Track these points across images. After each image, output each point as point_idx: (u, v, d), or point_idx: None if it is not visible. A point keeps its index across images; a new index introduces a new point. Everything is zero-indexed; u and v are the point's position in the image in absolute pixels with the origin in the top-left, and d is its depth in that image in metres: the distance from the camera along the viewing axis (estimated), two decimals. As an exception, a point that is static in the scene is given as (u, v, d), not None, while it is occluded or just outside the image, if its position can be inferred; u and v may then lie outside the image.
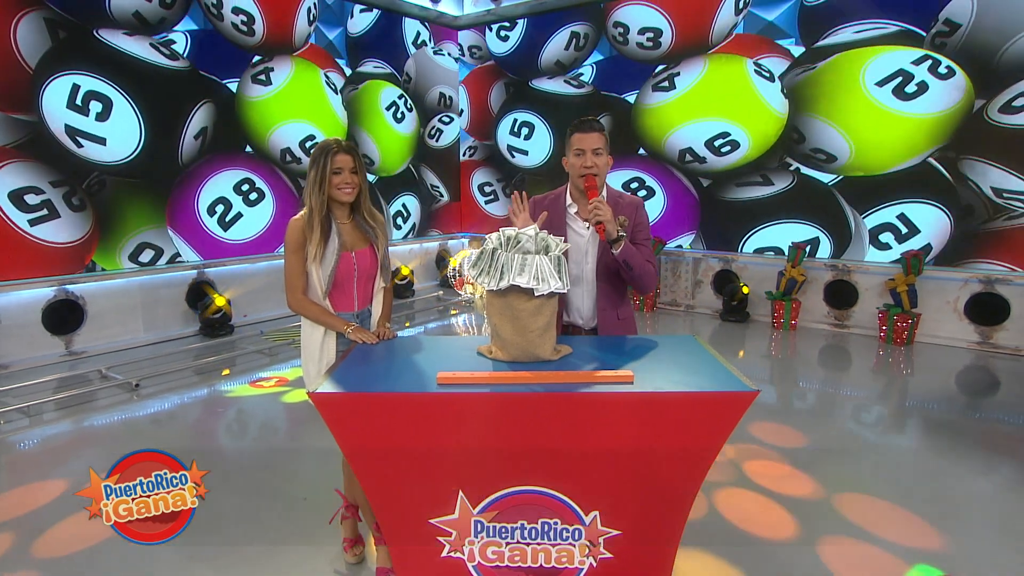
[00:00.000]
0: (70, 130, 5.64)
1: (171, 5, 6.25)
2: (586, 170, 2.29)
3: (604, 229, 2.21)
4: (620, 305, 2.45)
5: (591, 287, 2.41)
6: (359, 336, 2.30)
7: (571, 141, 2.34)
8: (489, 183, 9.63)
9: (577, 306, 2.44)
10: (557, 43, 8.40)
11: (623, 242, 2.26)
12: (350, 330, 2.31)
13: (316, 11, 7.54)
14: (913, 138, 6.11)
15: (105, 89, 5.81)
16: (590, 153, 2.29)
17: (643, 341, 2.28)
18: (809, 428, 4.10)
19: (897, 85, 6.09)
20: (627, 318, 2.47)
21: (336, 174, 2.28)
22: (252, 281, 6.98)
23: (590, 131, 2.30)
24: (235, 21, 6.75)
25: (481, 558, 1.89)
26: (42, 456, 3.77)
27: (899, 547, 2.72)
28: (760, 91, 6.99)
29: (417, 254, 9.05)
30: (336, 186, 2.29)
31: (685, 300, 7.66)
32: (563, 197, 2.45)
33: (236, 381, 5.08)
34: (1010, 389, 4.88)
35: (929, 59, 5.91)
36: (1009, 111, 5.64)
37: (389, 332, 2.40)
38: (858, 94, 6.30)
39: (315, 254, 2.28)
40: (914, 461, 3.63)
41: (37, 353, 5.45)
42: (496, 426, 1.80)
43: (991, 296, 5.78)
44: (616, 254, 2.27)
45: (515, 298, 1.93)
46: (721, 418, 1.76)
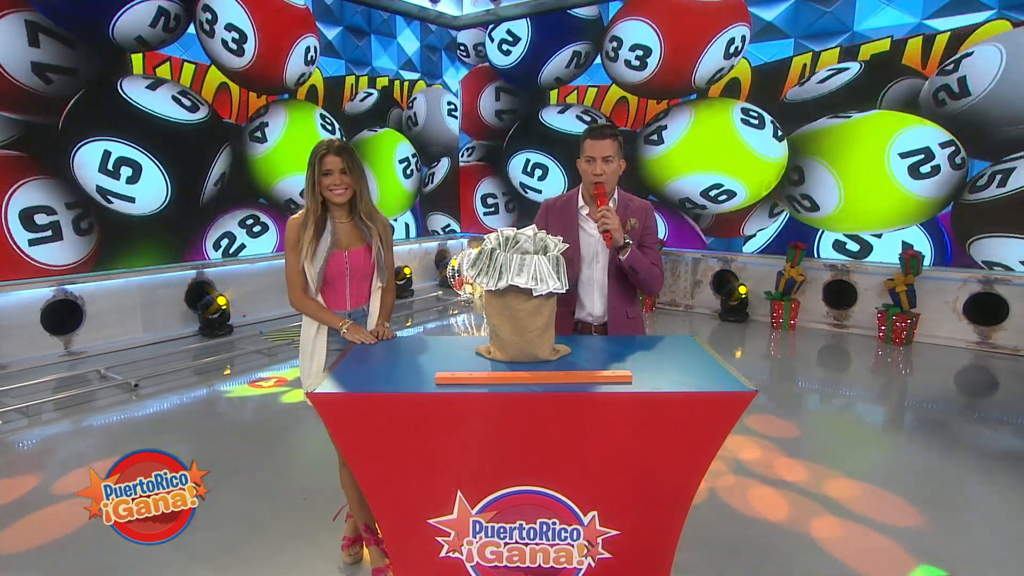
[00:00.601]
0: (101, 191, 5.86)
1: (173, 29, 6.26)
2: (596, 177, 2.34)
3: (611, 237, 2.29)
4: (630, 304, 2.52)
5: (602, 287, 2.48)
6: (356, 336, 2.31)
7: (584, 147, 2.39)
8: (493, 195, 9.53)
9: (588, 304, 2.51)
10: (558, 62, 8.37)
11: (629, 248, 2.34)
12: (345, 328, 2.33)
13: (315, 53, 7.52)
14: (901, 213, 6.23)
15: (134, 155, 6.02)
16: (600, 160, 2.33)
17: (642, 341, 2.29)
18: (808, 428, 4.10)
19: (916, 163, 6.09)
20: (636, 317, 2.54)
21: (326, 175, 2.30)
22: (251, 281, 6.98)
23: (602, 138, 2.34)
24: (226, 38, 6.68)
25: (480, 558, 1.89)
26: (41, 456, 3.77)
27: (898, 547, 2.72)
28: (746, 140, 7.01)
29: (416, 254, 9.06)
30: (327, 187, 2.31)
31: (684, 300, 7.66)
32: (575, 199, 2.51)
33: (235, 381, 5.08)
34: (1009, 389, 4.89)
35: (954, 146, 5.89)
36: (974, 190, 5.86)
37: (387, 332, 2.40)
38: (878, 156, 6.26)
39: (307, 252, 2.32)
40: (913, 461, 3.64)
41: (36, 353, 5.45)
42: (495, 426, 1.80)
43: (990, 296, 5.79)
44: (622, 260, 2.35)
45: (514, 298, 1.93)
46: (719, 418, 1.76)
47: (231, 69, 6.78)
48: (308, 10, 7.33)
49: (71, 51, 5.54)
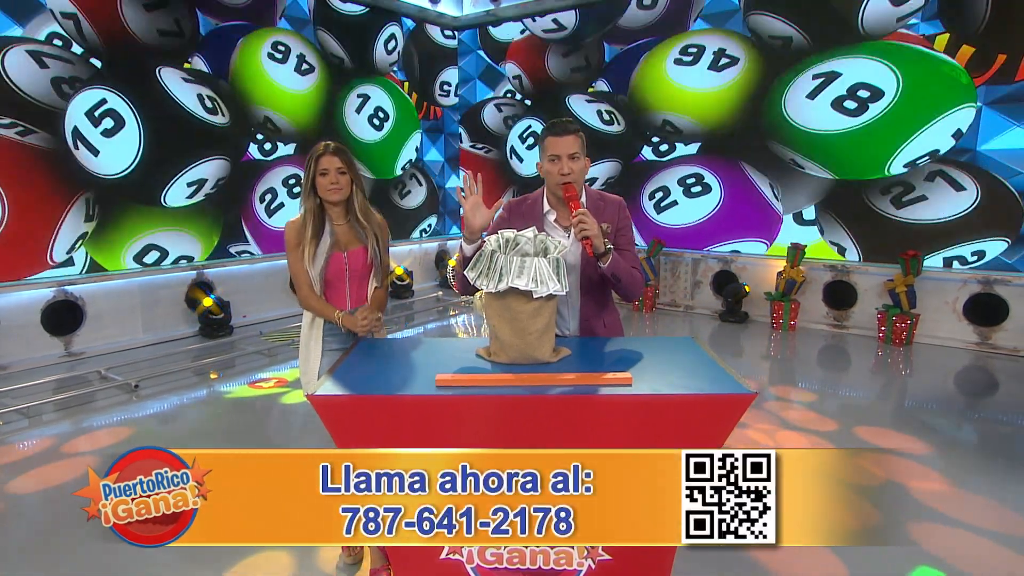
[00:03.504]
0: (75, 132, 5.72)
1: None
2: (563, 177, 2.14)
3: (591, 244, 2.08)
4: (605, 314, 2.35)
5: (574, 297, 2.30)
6: (349, 323, 2.37)
7: (545, 145, 2.18)
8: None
9: (561, 316, 2.32)
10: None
11: (611, 255, 2.14)
12: (340, 315, 2.39)
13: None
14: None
15: (124, 111, 5.98)
16: (566, 158, 2.14)
17: (641, 343, 2.29)
18: (807, 427, 4.10)
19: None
20: (612, 323, 2.37)
21: (322, 176, 2.34)
22: (250, 282, 6.98)
23: (564, 134, 2.15)
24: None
25: (480, 560, 1.89)
26: (40, 457, 3.77)
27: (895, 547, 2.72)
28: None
29: (416, 254, 9.06)
30: (323, 187, 2.35)
31: (684, 300, 7.66)
32: (540, 202, 2.30)
33: (235, 382, 5.08)
34: (1008, 389, 4.89)
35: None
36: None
37: (373, 318, 2.39)
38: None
39: (308, 254, 2.36)
40: (912, 461, 3.64)
41: (36, 354, 5.45)
42: (495, 428, 1.80)
43: (990, 297, 5.79)
44: (603, 268, 2.15)
45: (514, 300, 1.93)
46: (719, 420, 1.76)
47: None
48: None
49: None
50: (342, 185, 2.36)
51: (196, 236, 6.68)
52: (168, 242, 6.45)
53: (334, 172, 2.34)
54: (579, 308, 2.32)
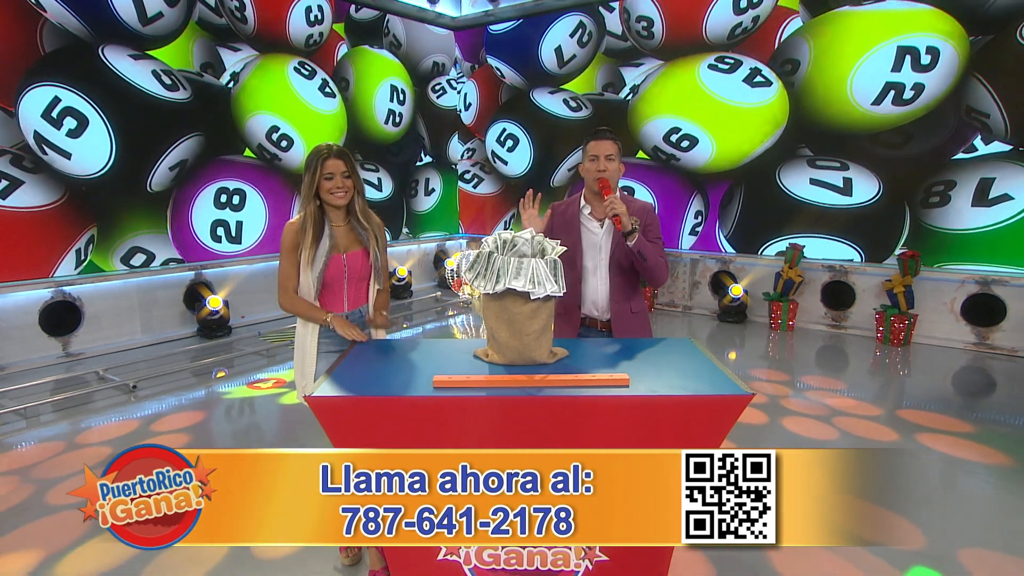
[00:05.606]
0: (38, 137, 5.43)
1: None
2: (600, 172, 2.52)
3: (620, 221, 2.41)
4: (633, 299, 2.65)
5: (605, 281, 2.62)
6: (344, 330, 2.31)
7: (587, 148, 2.57)
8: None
9: (593, 298, 2.65)
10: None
11: (637, 234, 2.45)
12: (330, 318, 2.34)
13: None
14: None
15: (84, 108, 5.67)
16: (603, 158, 2.52)
17: (639, 344, 2.29)
18: (806, 427, 4.10)
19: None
20: (640, 311, 2.67)
21: (328, 179, 2.32)
22: (250, 282, 6.97)
23: (604, 139, 2.55)
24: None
25: (477, 561, 1.89)
26: (39, 458, 3.76)
27: (894, 548, 2.73)
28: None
29: (415, 254, 9.06)
30: (328, 191, 2.33)
31: (683, 301, 7.67)
32: (578, 201, 2.70)
33: (234, 383, 5.08)
34: (1006, 390, 4.90)
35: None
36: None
37: (384, 320, 2.48)
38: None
39: (307, 257, 2.33)
40: (910, 461, 3.64)
41: (34, 355, 5.44)
42: (492, 430, 1.80)
43: (988, 297, 5.80)
44: (631, 245, 2.46)
45: (511, 301, 1.93)
46: (717, 421, 1.76)
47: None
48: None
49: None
50: (347, 189, 2.35)
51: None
52: (156, 245, 6.44)
53: (339, 176, 2.33)
54: (609, 291, 2.62)
